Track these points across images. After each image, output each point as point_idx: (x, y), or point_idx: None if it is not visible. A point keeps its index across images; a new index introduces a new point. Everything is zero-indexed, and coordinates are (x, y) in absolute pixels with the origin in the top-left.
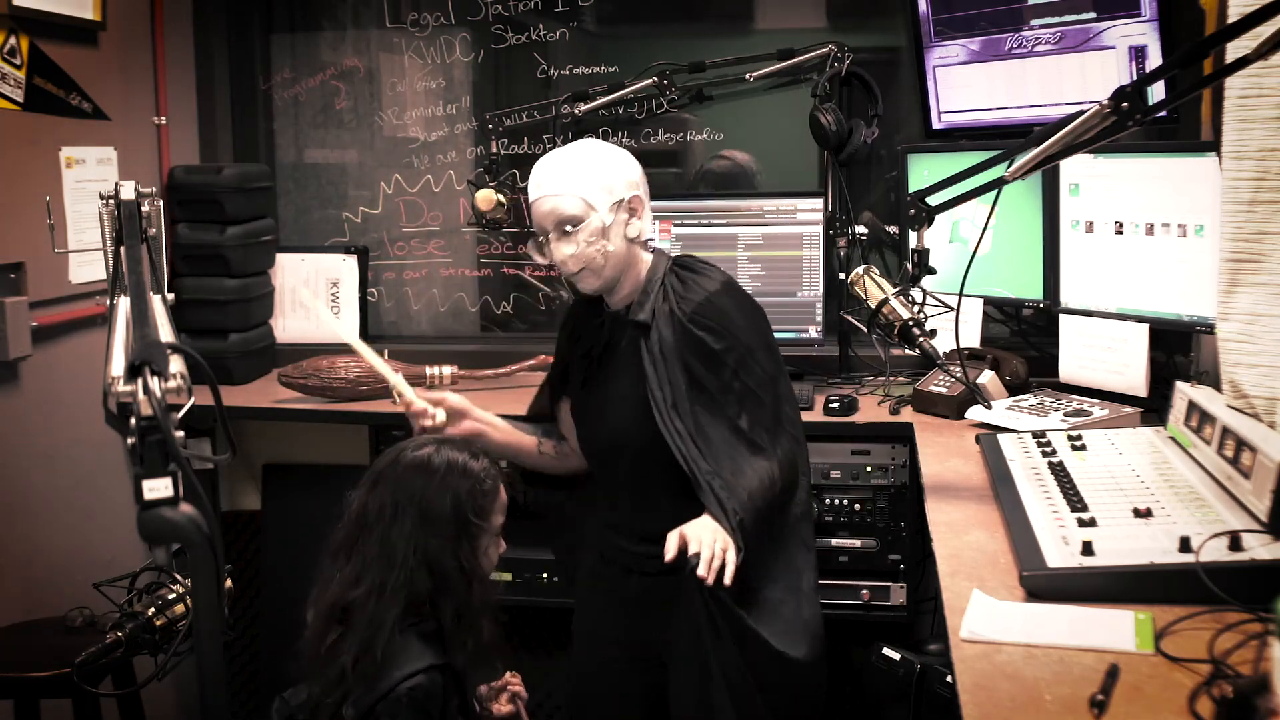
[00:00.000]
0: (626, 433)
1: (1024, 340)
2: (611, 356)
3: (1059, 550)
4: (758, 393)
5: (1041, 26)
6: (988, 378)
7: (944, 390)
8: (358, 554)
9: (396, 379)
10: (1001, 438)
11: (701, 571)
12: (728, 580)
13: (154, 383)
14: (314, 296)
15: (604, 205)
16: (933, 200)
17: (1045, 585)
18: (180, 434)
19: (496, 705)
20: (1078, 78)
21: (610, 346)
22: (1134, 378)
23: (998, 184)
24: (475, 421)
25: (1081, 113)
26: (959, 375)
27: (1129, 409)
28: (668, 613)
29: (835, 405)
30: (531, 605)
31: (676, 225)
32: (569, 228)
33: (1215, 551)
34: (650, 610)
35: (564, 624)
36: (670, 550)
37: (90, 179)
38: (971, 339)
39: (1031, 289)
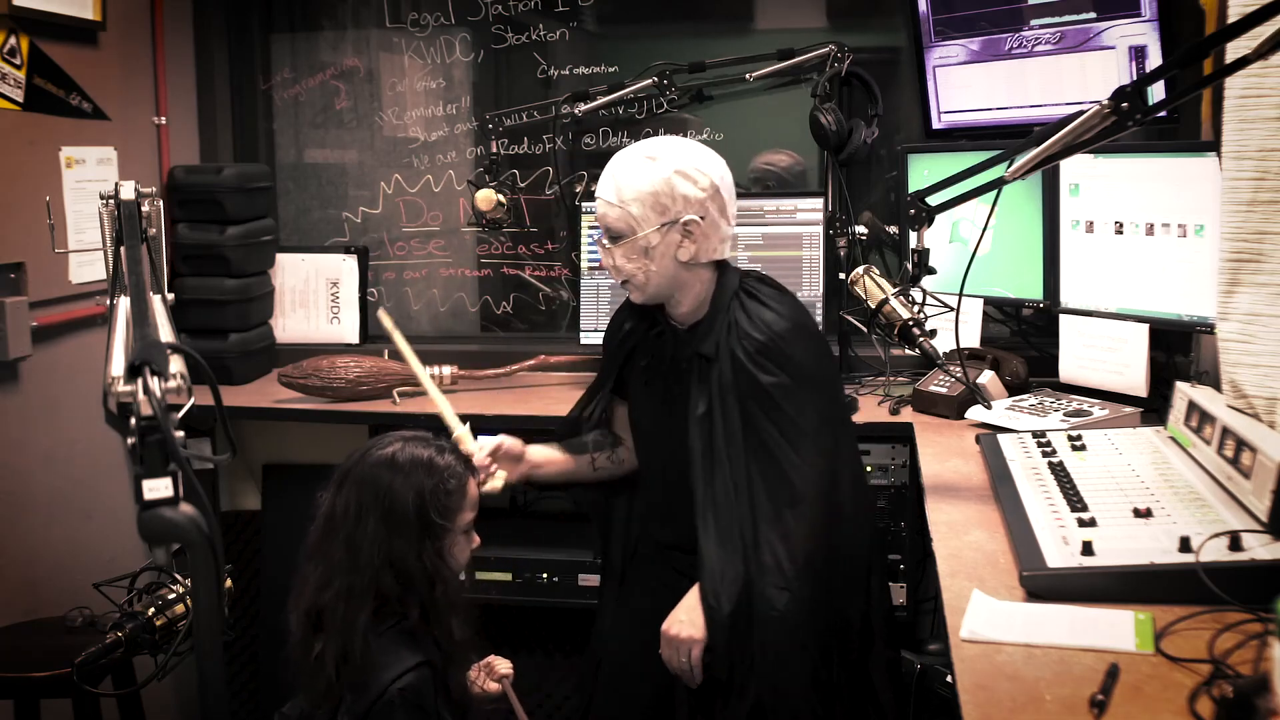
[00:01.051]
0: (685, 460)
1: (1024, 340)
2: (674, 376)
3: (1059, 550)
4: (814, 437)
5: (1041, 26)
6: (988, 378)
7: (944, 390)
8: (326, 556)
9: (462, 430)
10: (1001, 438)
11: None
12: (693, 684)
13: (154, 383)
14: (394, 328)
15: (651, 224)
16: (933, 200)
17: (1045, 585)
18: (180, 434)
19: (484, 685)
20: (1078, 78)
21: (674, 364)
22: (1134, 378)
23: (998, 184)
24: (529, 464)
25: (1081, 113)
26: (959, 375)
27: (1129, 409)
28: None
29: None
30: (531, 605)
31: None
32: (608, 241)
33: (1215, 551)
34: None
35: (564, 624)
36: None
37: (90, 179)
38: (971, 339)
39: (1031, 289)
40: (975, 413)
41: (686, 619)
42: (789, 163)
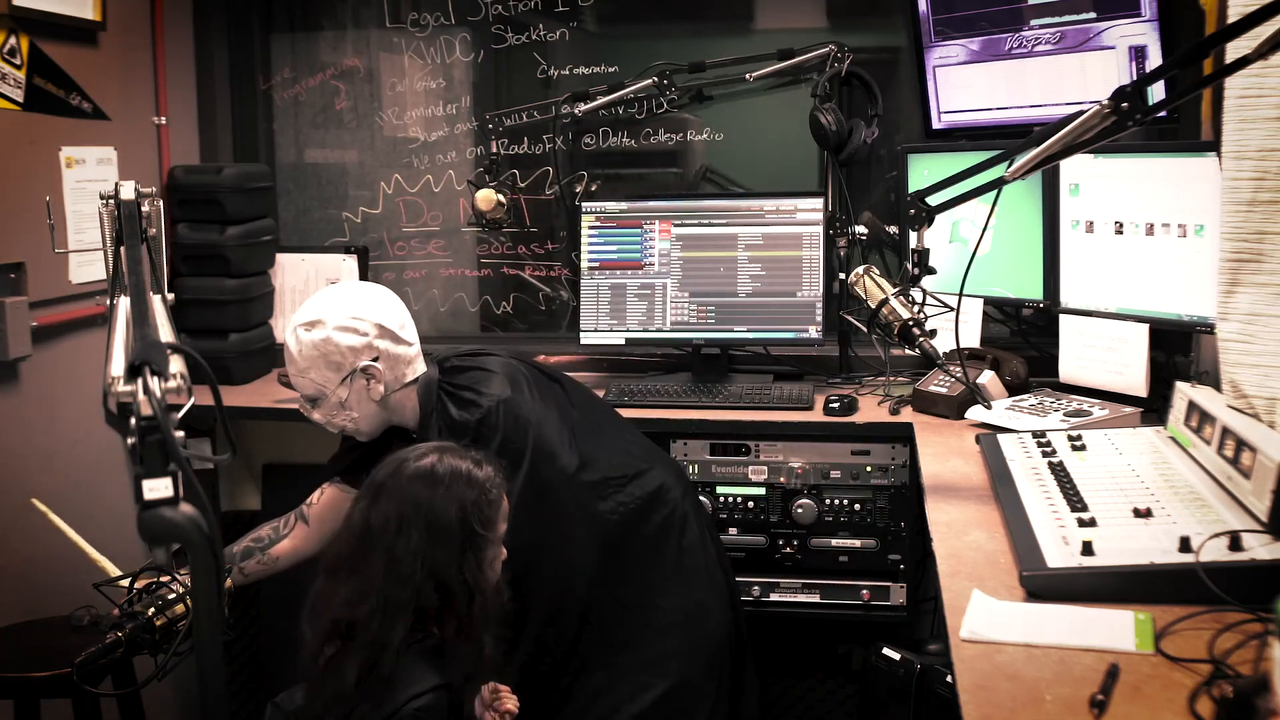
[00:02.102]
0: None
1: (1024, 340)
2: None
3: (1059, 550)
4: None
5: (1041, 26)
6: (988, 378)
7: (944, 390)
8: (361, 570)
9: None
10: (1001, 438)
11: None
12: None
13: (154, 383)
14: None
15: (334, 383)
16: (933, 200)
17: (1045, 585)
18: (180, 434)
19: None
20: (1078, 78)
21: None
22: (1134, 378)
23: (998, 184)
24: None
25: (1081, 113)
26: (959, 375)
27: (1129, 409)
28: None
29: (835, 405)
30: None
31: (676, 225)
32: (309, 405)
33: (1215, 551)
34: None
35: None
36: None
37: (90, 179)
38: (971, 339)
39: (1031, 289)
40: (975, 413)
41: None
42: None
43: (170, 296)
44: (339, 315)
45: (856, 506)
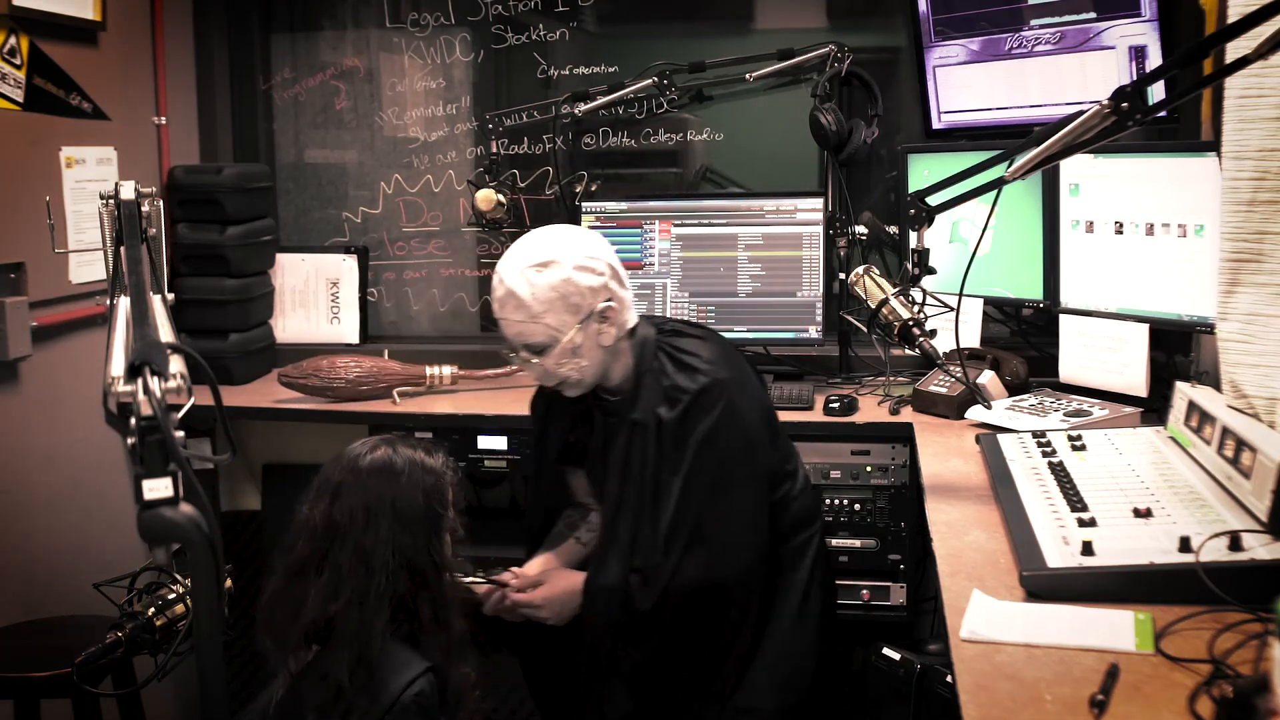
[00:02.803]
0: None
1: (1024, 340)
2: (609, 449)
3: (1059, 550)
4: (713, 490)
5: (1041, 26)
6: (988, 378)
7: (944, 390)
8: (330, 567)
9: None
10: (1001, 438)
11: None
12: (486, 610)
13: (154, 383)
14: None
15: (571, 326)
16: (933, 200)
17: (1045, 585)
18: (180, 434)
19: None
20: (1078, 78)
21: (607, 432)
22: (1134, 378)
23: (998, 184)
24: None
25: (1081, 113)
26: (959, 375)
27: (1129, 409)
28: None
29: (835, 405)
30: None
31: (676, 225)
32: (535, 358)
33: (1215, 551)
34: None
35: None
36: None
37: (90, 179)
38: (971, 339)
39: (1031, 289)
40: (975, 413)
41: (562, 609)
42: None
43: (170, 296)
44: (574, 254)
45: (856, 506)
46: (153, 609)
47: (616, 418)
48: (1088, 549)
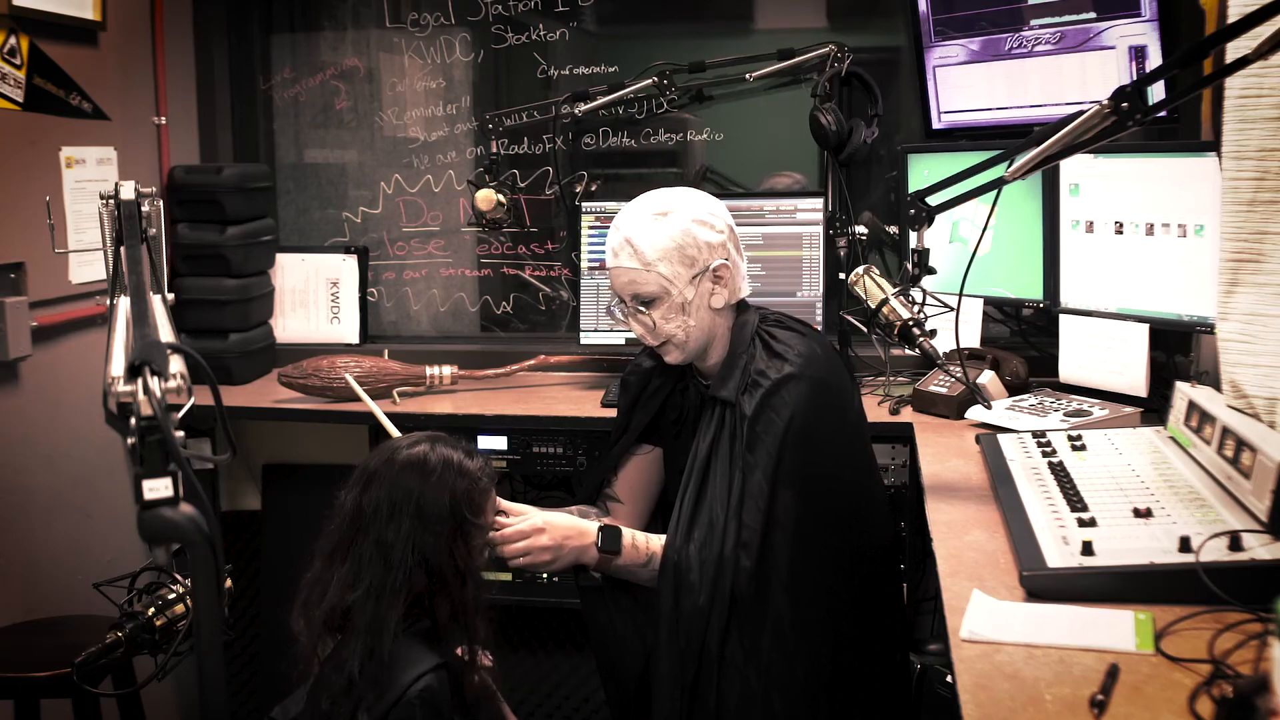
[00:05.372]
0: None
1: (1024, 340)
2: (696, 429)
3: (1059, 550)
4: (788, 484)
5: (1041, 26)
6: (988, 378)
7: (944, 390)
8: (353, 555)
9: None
10: (1001, 438)
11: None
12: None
13: (154, 383)
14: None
15: (684, 280)
16: (933, 200)
17: (1045, 585)
18: (180, 434)
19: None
20: (1078, 78)
21: (697, 412)
22: (1134, 378)
23: (998, 184)
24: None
25: (1081, 113)
26: (959, 375)
27: (1129, 409)
28: None
29: None
30: (531, 605)
31: None
32: (643, 308)
33: (1215, 551)
34: None
35: (564, 624)
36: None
37: (90, 179)
38: (971, 339)
39: (1031, 289)
40: (975, 413)
41: (573, 551)
42: (788, 184)
43: (170, 296)
44: (693, 208)
45: None
46: (153, 609)
47: (702, 398)
48: (1088, 549)
